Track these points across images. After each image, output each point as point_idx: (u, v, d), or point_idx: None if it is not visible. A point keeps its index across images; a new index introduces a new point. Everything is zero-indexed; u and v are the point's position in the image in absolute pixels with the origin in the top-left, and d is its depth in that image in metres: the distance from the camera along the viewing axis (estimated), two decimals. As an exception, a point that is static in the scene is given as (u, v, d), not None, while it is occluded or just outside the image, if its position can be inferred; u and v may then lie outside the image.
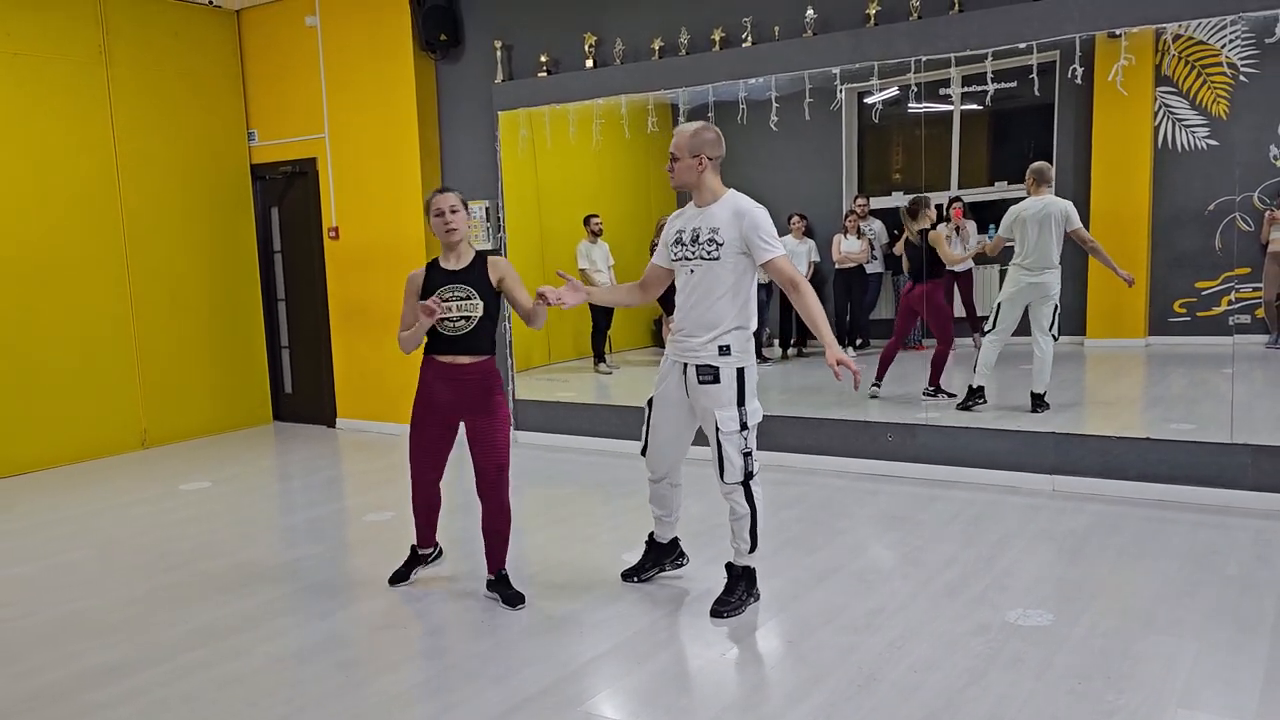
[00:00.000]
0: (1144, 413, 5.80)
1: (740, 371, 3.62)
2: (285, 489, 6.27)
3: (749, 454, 3.64)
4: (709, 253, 3.58)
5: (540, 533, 4.98)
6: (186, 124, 7.70)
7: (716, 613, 3.72)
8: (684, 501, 4.08)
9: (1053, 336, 5.61)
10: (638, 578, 4.12)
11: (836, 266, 6.67)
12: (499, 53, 6.92)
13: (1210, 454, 4.88)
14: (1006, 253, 5.79)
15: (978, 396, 5.79)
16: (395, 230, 7.38)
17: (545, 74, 6.74)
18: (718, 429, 3.60)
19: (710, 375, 3.60)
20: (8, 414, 6.68)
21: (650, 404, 3.85)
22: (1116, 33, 5.02)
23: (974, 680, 3.11)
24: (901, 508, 5.05)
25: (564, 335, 7.68)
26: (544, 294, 3.66)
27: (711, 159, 3.63)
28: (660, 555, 4.14)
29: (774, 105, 5.95)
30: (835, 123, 6.22)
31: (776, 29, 5.92)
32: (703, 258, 3.59)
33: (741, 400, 3.62)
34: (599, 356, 7.44)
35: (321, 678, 3.35)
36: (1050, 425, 5.36)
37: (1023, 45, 5.19)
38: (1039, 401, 5.63)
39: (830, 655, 3.34)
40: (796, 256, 6.53)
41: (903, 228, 6.16)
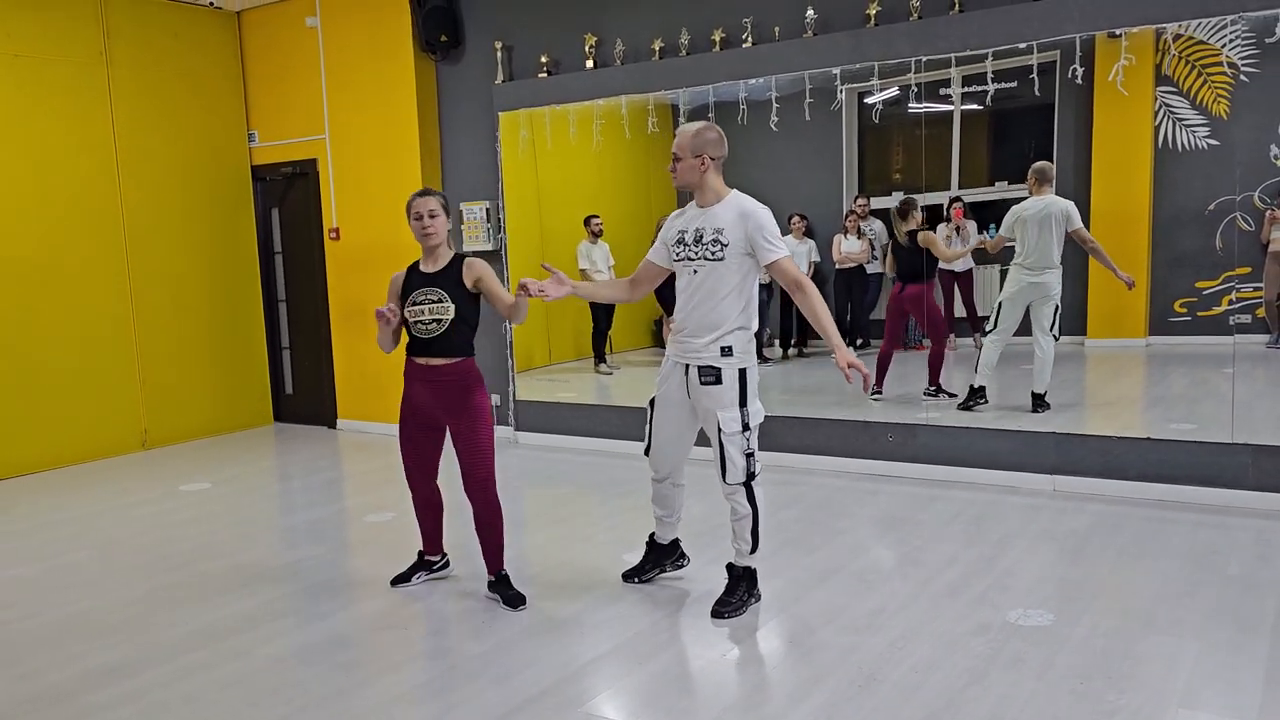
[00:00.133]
0: (1145, 413, 5.80)
1: (742, 372, 3.62)
2: (286, 490, 6.27)
3: (751, 455, 3.64)
4: (713, 253, 3.57)
5: (540, 533, 4.98)
6: (187, 125, 7.70)
7: (717, 613, 3.72)
8: (685, 502, 4.08)
9: (1054, 336, 5.61)
10: (638, 578, 4.12)
11: (837, 267, 6.67)
12: (499, 53, 6.92)
13: (1211, 454, 4.88)
14: (1007, 252, 5.79)
15: (978, 396, 5.79)
16: (396, 231, 7.37)
17: (545, 75, 6.74)
18: (720, 430, 3.60)
19: (712, 376, 3.60)
20: (8, 415, 6.69)
21: (652, 405, 3.85)
22: (1117, 33, 5.02)
23: (975, 680, 3.11)
24: (902, 508, 5.05)
25: (564, 336, 7.68)
26: (526, 285, 3.62)
27: (714, 159, 3.62)
28: (661, 556, 4.14)
29: (774, 105, 5.95)
30: (835, 123, 6.22)
31: (777, 29, 5.92)
32: (706, 258, 3.59)
33: (744, 401, 3.61)
34: (599, 357, 7.44)
35: (322, 679, 3.35)
36: (1051, 425, 5.36)
37: (1023, 45, 5.19)
38: (1040, 401, 5.63)
39: (831, 655, 3.34)
40: (797, 256, 6.51)
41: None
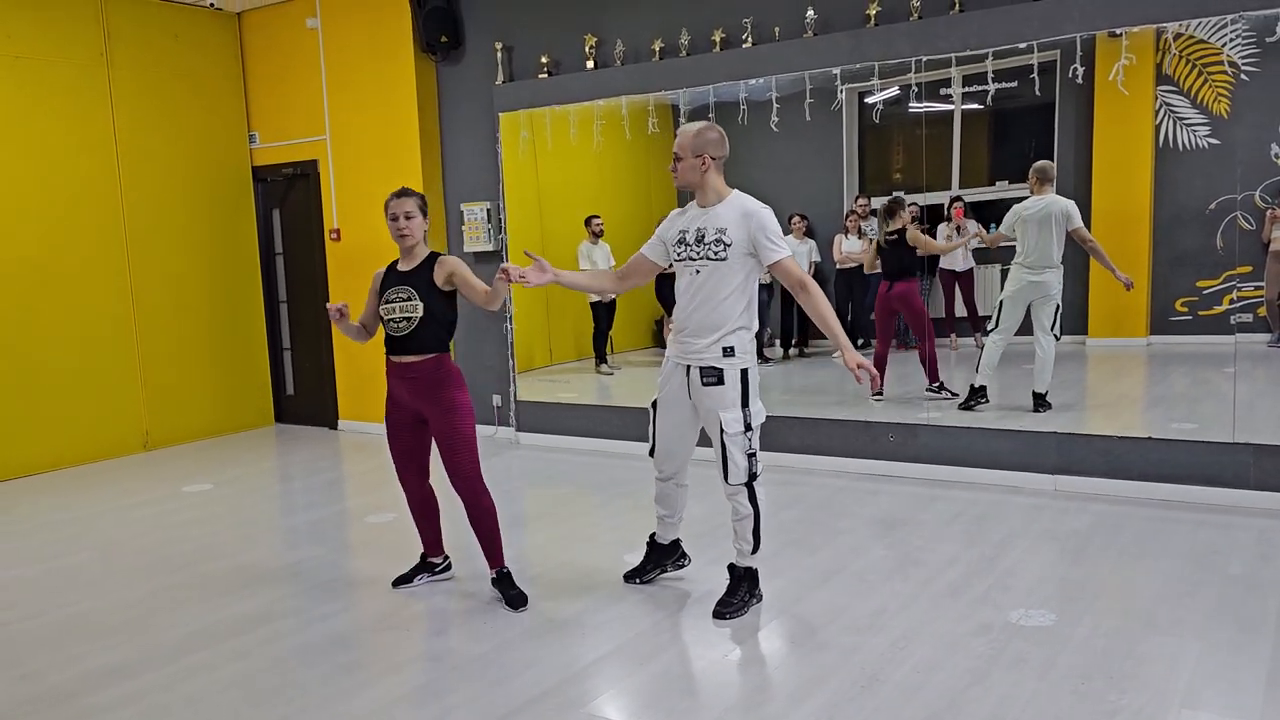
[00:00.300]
0: (1146, 412, 5.79)
1: (744, 372, 3.61)
2: (287, 490, 6.27)
3: (753, 455, 3.64)
4: (716, 253, 3.57)
5: (541, 533, 4.98)
6: (188, 126, 7.71)
7: (719, 614, 3.72)
8: (687, 502, 4.07)
9: (1055, 336, 5.61)
10: (639, 579, 4.12)
11: (838, 267, 6.67)
12: (499, 54, 6.92)
13: (1212, 453, 4.87)
14: (1008, 252, 5.79)
15: (979, 396, 5.79)
16: (396, 232, 7.38)
17: (546, 75, 6.74)
18: (722, 430, 3.59)
19: (714, 377, 3.59)
20: (9, 416, 6.69)
21: (654, 407, 3.85)
22: (1117, 32, 5.02)
23: (976, 680, 3.11)
24: (903, 508, 5.05)
25: (565, 336, 7.68)
26: (506, 270, 3.59)
27: (715, 159, 3.62)
28: (662, 556, 4.13)
29: (774, 105, 5.95)
30: (836, 123, 6.22)
31: (777, 29, 5.92)
32: (709, 258, 3.58)
33: (745, 401, 3.61)
34: (600, 357, 7.44)
35: (323, 680, 3.35)
36: (1052, 425, 5.35)
37: (1023, 45, 5.19)
38: (1041, 401, 5.63)
39: (833, 656, 3.34)
40: (797, 256, 6.51)
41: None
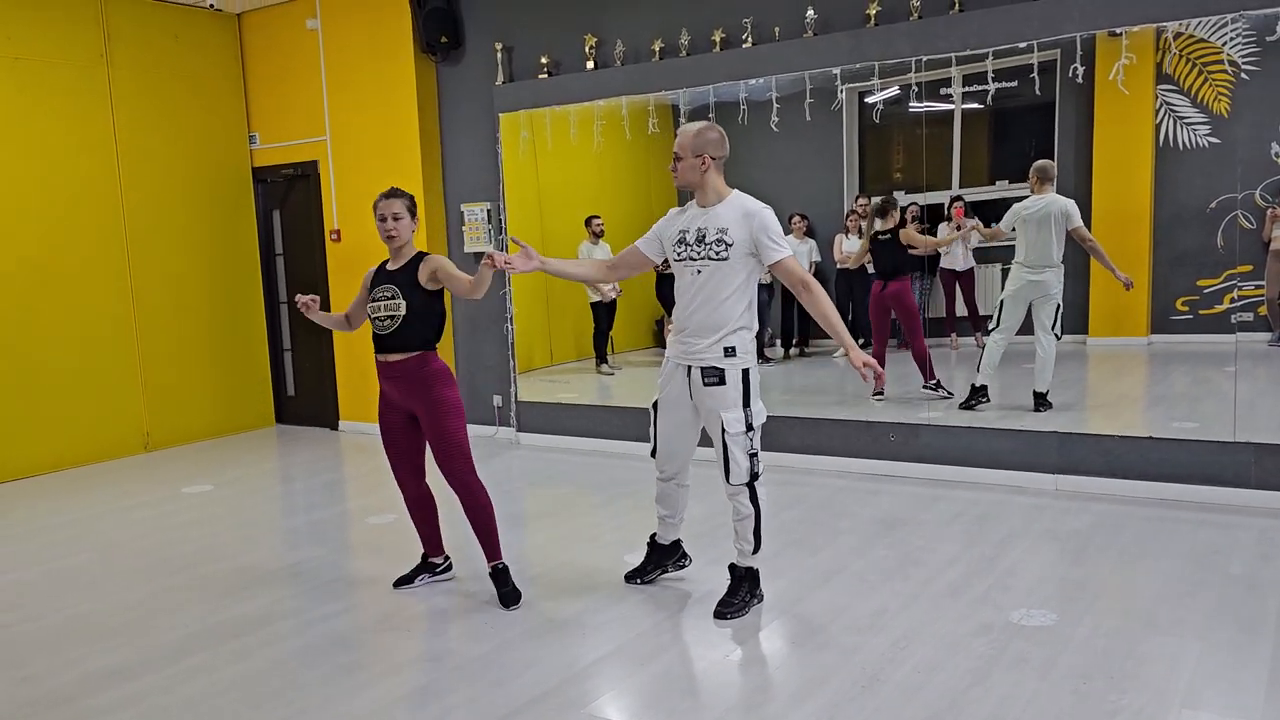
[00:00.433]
0: (1147, 411, 5.79)
1: (745, 372, 3.61)
2: (287, 491, 6.27)
3: (754, 455, 3.64)
4: (718, 253, 3.56)
5: (542, 534, 4.98)
6: (188, 127, 7.71)
7: (720, 614, 3.72)
8: (688, 502, 4.07)
9: (1055, 335, 5.60)
10: (640, 579, 4.12)
11: (838, 266, 6.67)
12: (499, 54, 6.92)
13: (1213, 453, 4.87)
14: (1008, 251, 5.78)
15: (980, 395, 5.78)
16: (396, 232, 7.38)
17: (546, 75, 6.74)
18: (724, 430, 3.59)
19: (716, 377, 3.59)
20: (9, 417, 6.69)
21: (655, 407, 3.84)
22: (1117, 31, 5.01)
23: (977, 681, 3.11)
24: (904, 508, 5.05)
25: (566, 336, 7.68)
26: (491, 256, 3.55)
27: (715, 159, 3.62)
28: (662, 556, 4.13)
29: (774, 105, 5.94)
30: (836, 123, 6.21)
31: (777, 29, 5.92)
32: (711, 258, 3.58)
33: (747, 401, 3.61)
34: (601, 357, 7.44)
35: (324, 681, 3.35)
36: (1053, 424, 5.35)
37: (1023, 45, 5.19)
38: (1041, 400, 5.63)
39: (834, 656, 3.34)
40: (798, 256, 6.52)
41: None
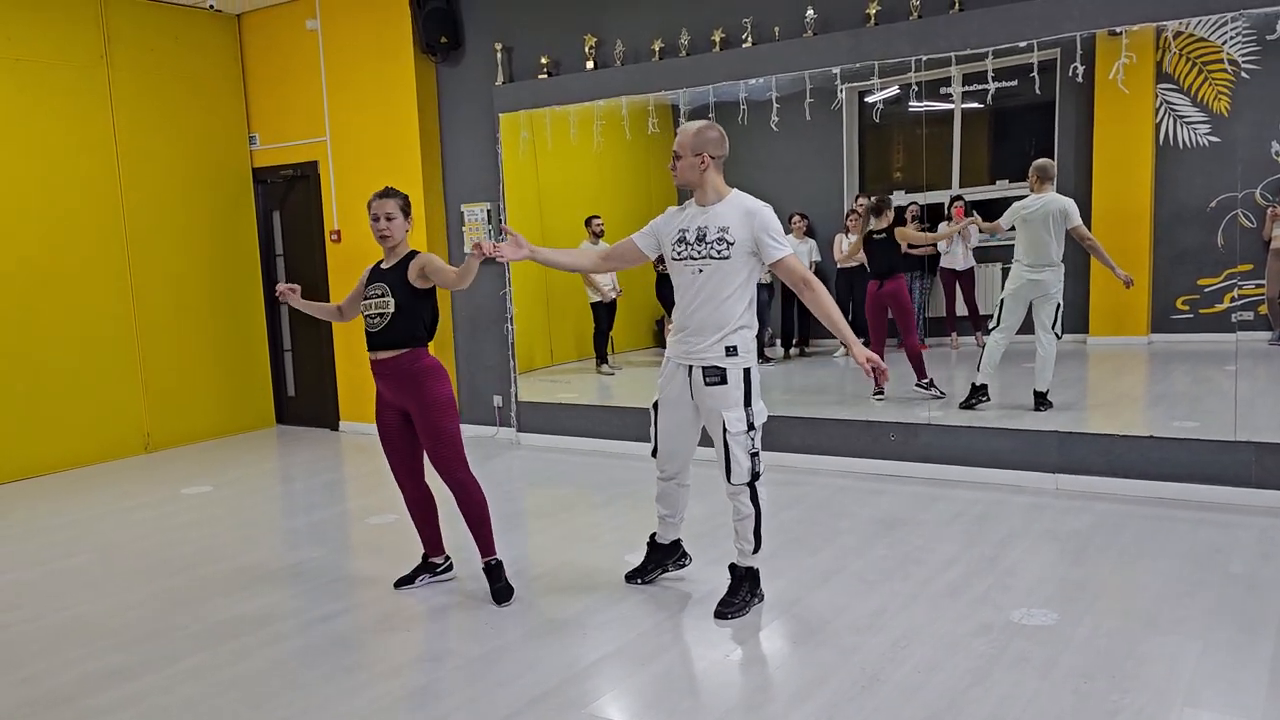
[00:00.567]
0: (1147, 411, 5.79)
1: (747, 371, 3.61)
2: (288, 492, 6.27)
3: (755, 454, 3.64)
4: (719, 252, 3.56)
5: (542, 534, 4.98)
6: (188, 127, 7.71)
7: (720, 614, 3.72)
8: (689, 502, 4.07)
9: (1056, 335, 5.60)
10: (641, 579, 4.12)
11: (838, 266, 6.67)
12: (499, 55, 6.92)
13: (1214, 452, 4.87)
14: (1009, 250, 5.78)
15: (981, 394, 5.78)
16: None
17: (546, 76, 6.74)
18: (725, 430, 3.59)
19: (718, 376, 3.59)
20: (10, 418, 6.69)
21: (655, 407, 3.84)
22: (1117, 30, 5.01)
23: (977, 680, 3.11)
24: (904, 508, 5.04)
25: (566, 336, 7.67)
26: (479, 245, 3.53)
27: (714, 158, 3.61)
28: (663, 556, 4.13)
29: (774, 105, 5.94)
30: (836, 122, 6.21)
31: (776, 29, 5.92)
32: (712, 257, 3.57)
33: (748, 400, 3.61)
34: (601, 357, 7.44)
35: (324, 681, 3.35)
36: (1053, 424, 5.35)
37: (1023, 44, 5.18)
38: (1042, 400, 5.62)
39: (834, 656, 3.34)
40: (798, 256, 6.53)
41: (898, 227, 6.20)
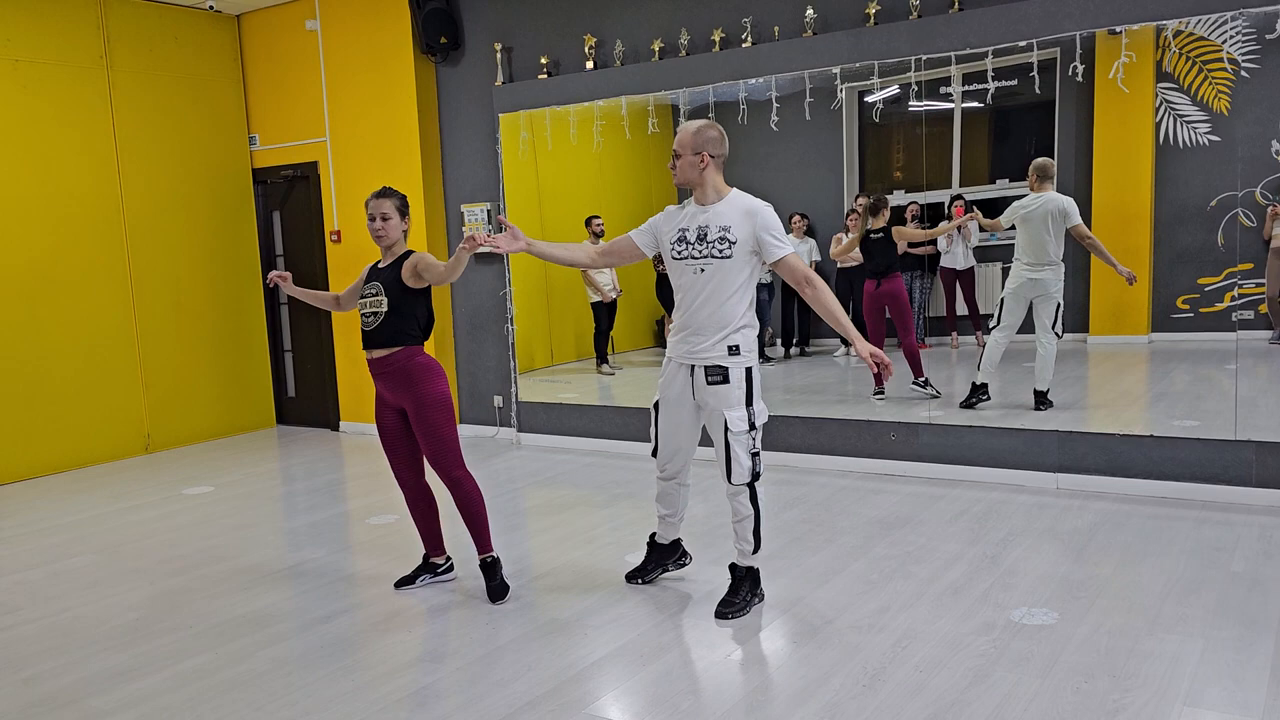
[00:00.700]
0: (1148, 410, 5.78)
1: (748, 371, 3.61)
2: (288, 492, 6.27)
3: (756, 454, 3.64)
4: (720, 251, 3.56)
5: (543, 535, 4.98)
6: (188, 128, 7.71)
7: (721, 614, 3.72)
8: (689, 501, 4.07)
9: (1056, 334, 5.60)
10: (641, 579, 4.12)
11: (839, 265, 6.67)
12: (499, 55, 6.92)
13: (1215, 451, 4.87)
14: (1009, 250, 5.78)
15: (981, 393, 5.78)
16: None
17: (545, 76, 6.74)
18: (727, 429, 3.59)
19: (720, 376, 3.59)
20: (11, 419, 6.69)
21: (656, 407, 3.84)
22: (1117, 29, 5.01)
23: (979, 679, 3.11)
24: (905, 507, 5.04)
25: (566, 337, 7.68)
26: (473, 237, 3.54)
27: (714, 157, 3.61)
28: (663, 556, 4.13)
29: (774, 105, 5.94)
30: (836, 122, 6.21)
31: (776, 29, 5.92)
32: (714, 256, 3.57)
33: (750, 400, 3.61)
34: (601, 357, 7.43)
35: (325, 682, 3.35)
36: (1054, 423, 5.35)
37: (1023, 43, 5.19)
38: (1042, 399, 5.62)
39: (835, 655, 3.34)
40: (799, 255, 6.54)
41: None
